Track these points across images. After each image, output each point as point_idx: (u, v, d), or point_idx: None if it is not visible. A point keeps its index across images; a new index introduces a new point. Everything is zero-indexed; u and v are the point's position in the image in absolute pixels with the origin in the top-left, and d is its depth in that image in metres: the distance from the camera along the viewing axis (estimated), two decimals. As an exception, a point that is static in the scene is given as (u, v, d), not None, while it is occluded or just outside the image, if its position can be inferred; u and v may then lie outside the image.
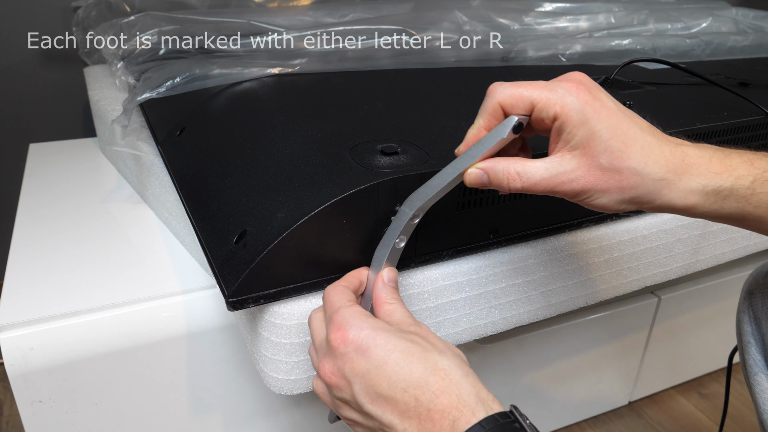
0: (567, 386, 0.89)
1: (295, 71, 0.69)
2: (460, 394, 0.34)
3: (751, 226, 0.40)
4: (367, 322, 0.37)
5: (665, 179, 0.37)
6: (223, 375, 0.61)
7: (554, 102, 0.36)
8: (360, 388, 0.35)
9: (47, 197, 0.74)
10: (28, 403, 0.53)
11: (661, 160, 0.37)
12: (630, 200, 0.38)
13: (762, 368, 0.52)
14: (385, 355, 0.35)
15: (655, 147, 0.38)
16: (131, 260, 0.61)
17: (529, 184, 0.37)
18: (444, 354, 0.36)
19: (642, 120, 0.39)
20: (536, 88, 0.37)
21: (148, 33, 0.77)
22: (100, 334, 0.54)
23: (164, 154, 0.62)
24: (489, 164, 0.38)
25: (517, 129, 0.36)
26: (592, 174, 0.37)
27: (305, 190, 0.43)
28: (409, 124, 0.54)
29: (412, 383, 0.34)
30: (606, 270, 0.59)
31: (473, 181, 0.39)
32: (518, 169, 0.37)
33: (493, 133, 0.36)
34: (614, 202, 0.38)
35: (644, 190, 0.37)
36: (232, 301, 0.41)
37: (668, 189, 0.38)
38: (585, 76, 0.39)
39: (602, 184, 0.37)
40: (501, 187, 0.38)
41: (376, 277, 0.42)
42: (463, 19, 0.88)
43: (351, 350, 0.36)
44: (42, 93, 1.14)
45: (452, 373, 0.35)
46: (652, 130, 0.38)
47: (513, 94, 0.37)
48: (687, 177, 0.38)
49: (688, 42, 0.93)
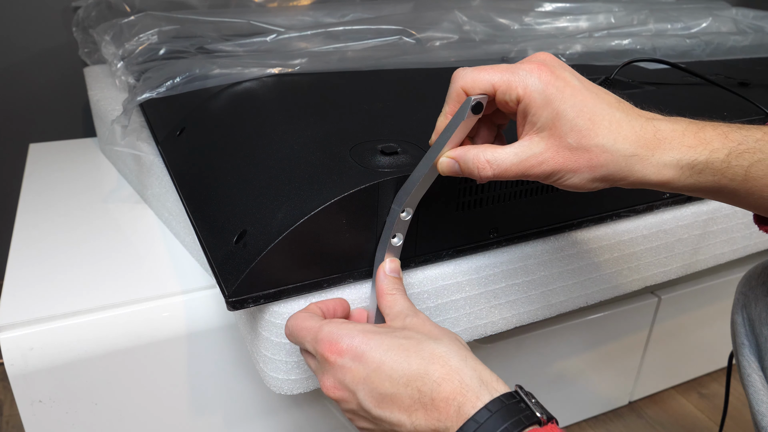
0: (567, 386, 0.89)
1: (295, 71, 0.69)
2: (462, 379, 0.33)
3: (727, 198, 0.39)
4: (356, 329, 0.37)
5: (637, 155, 0.37)
6: (223, 375, 0.61)
7: (515, 84, 0.36)
8: (364, 394, 0.35)
9: (47, 197, 0.74)
10: (28, 403, 0.53)
11: (631, 135, 0.37)
12: (602, 178, 0.37)
13: (755, 369, 0.52)
14: (381, 356, 0.35)
15: (624, 122, 0.37)
16: (131, 260, 0.61)
17: (499, 171, 0.37)
18: (439, 341, 0.36)
19: (610, 95, 0.38)
20: (497, 71, 0.36)
21: (148, 33, 0.77)
22: (100, 334, 0.54)
23: (164, 154, 0.62)
24: (460, 152, 0.38)
25: (476, 109, 0.35)
26: (560, 155, 0.36)
27: (305, 190, 0.43)
28: (409, 124, 0.54)
29: (413, 376, 0.34)
30: (606, 270, 0.59)
31: (446, 170, 0.39)
32: (488, 156, 0.37)
33: (455, 118, 0.37)
34: (586, 181, 0.37)
35: (616, 167, 0.37)
36: (232, 301, 0.41)
37: (641, 165, 0.37)
38: (549, 55, 0.38)
39: (572, 164, 0.37)
40: (473, 176, 0.38)
41: (378, 269, 0.42)
42: (463, 19, 0.88)
43: (347, 360, 0.36)
44: (42, 93, 1.14)
45: (451, 359, 0.35)
46: (621, 105, 0.38)
47: (475, 78, 0.36)
48: (660, 151, 0.37)
49: (688, 42, 0.93)
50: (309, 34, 0.79)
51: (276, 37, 0.78)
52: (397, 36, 0.80)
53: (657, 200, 0.60)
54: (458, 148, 0.38)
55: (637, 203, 0.59)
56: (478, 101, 0.35)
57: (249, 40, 0.78)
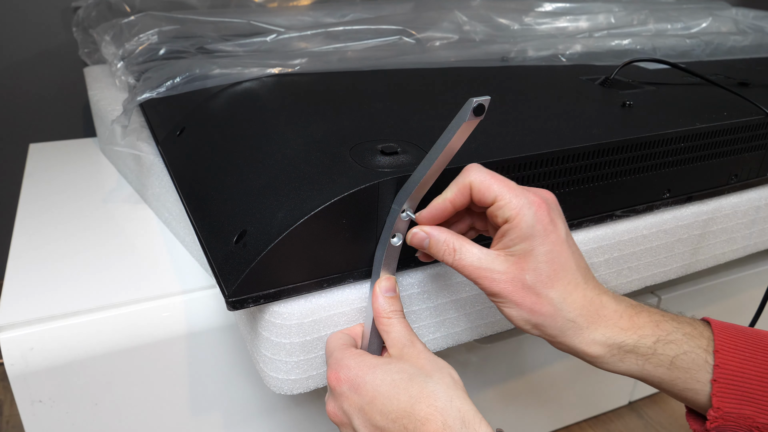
0: (567, 386, 0.89)
1: (295, 71, 0.69)
2: (446, 421, 0.35)
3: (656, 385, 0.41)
4: (355, 361, 0.39)
5: (575, 322, 0.39)
6: (223, 375, 0.61)
7: (513, 207, 0.38)
8: (359, 422, 0.38)
9: (47, 197, 0.74)
10: (28, 403, 0.53)
11: (579, 302, 0.39)
12: (535, 325, 0.39)
13: None
14: (374, 390, 0.37)
15: (580, 288, 0.39)
16: (131, 260, 0.61)
17: (459, 265, 0.39)
18: (430, 377, 0.37)
19: (582, 259, 0.40)
20: (505, 186, 0.38)
21: (148, 33, 0.77)
22: (100, 334, 0.54)
23: (164, 154, 0.62)
24: (434, 231, 0.40)
25: (477, 111, 0.36)
26: (513, 284, 0.38)
27: (305, 190, 0.43)
28: (409, 124, 0.54)
29: (400, 413, 0.36)
30: (606, 270, 0.59)
31: (415, 242, 0.41)
32: (456, 245, 0.39)
33: (456, 119, 0.37)
34: (521, 319, 0.39)
35: (552, 323, 0.39)
36: (232, 301, 0.41)
37: (573, 332, 0.39)
38: (553, 197, 0.40)
39: (518, 298, 0.38)
40: (436, 256, 0.40)
41: (374, 288, 0.43)
42: (463, 19, 0.88)
43: (346, 389, 0.39)
44: (42, 93, 1.14)
45: (438, 399, 0.36)
46: (584, 272, 0.40)
47: (483, 182, 0.38)
48: (594, 326, 0.39)
49: (688, 42, 0.93)
50: (309, 34, 0.79)
51: (276, 37, 0.78)
52: (397, 36, 0.80)
53: (657, 200, 0.60)
54: (435, 228, 0.40)
55: (637, 203, 0.59)
56: (480, 103, 0.35)
57: (249, 40, 0.78)
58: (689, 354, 0.39)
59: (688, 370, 0.39)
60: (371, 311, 0.43)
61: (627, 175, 0.56)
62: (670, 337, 0.39)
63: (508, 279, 0.38)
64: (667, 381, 0.39)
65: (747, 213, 0.68)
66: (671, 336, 0.39)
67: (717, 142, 0.61)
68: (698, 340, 0.39)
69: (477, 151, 0.47)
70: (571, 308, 0.38)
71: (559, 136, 0.52)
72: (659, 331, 0.39)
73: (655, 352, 0.39)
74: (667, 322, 0.40)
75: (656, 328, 0.39)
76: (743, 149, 0.64)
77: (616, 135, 0.53)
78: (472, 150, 0.47)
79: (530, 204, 0.38)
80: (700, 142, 0.59)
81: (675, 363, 0.39)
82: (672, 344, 0.39)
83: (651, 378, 0.40)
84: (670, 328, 0.40)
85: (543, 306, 0.38)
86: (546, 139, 0.51)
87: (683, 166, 0.60)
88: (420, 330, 0.50)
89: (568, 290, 0.38)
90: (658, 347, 0.39)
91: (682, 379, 0.39)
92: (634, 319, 0.39)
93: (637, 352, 0.39)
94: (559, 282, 0.38)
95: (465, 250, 0.39)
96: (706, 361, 0.39)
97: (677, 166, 0.59)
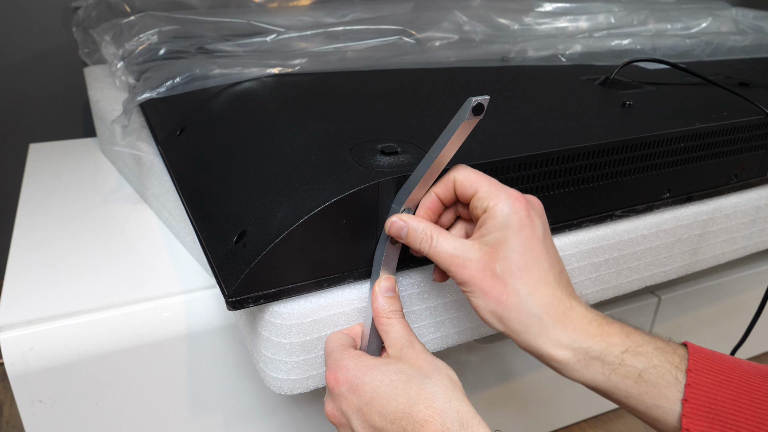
0: (567, 386, 0.89)
1: (295, 71, 0.69)
2: (444, 422, 0.35)
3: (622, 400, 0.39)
4: (354, 362, 0.39)
5: (541, 319, 0.38)
6: (223, 375, 0.61)
7: (491, 197, 0.38)
8: (357, 423, 0.38)
9: (47, 197, 0.74)
10: (28, 403, 0.53)
11: (547, 299, 0.38)
12: (500, 318, 0.39)
13: None
14: (373, 391, 0.37)
15: (550, 286, 0.38)
16: (131, 260, 0.61)
17: (434, 252, 0.39)
18: (429, 378, 0.37)
19: (559, 263, 0.40)
20: (487, 180, 0.39)
21: (148, 33, 0.77)
22: (100, 334, 0.54)
23: (164, 154, 0.62)
24: (412, 220, 0.40)
25: (477, 110, 0.36)
26: (482, 272, 0.38)
27: (305, 190, 0.43)
28: (409, 124, 0.54)
29: (399, 414, 0.36)
30: (606, 270, 0.59)
31: (393, 232, 0.41)
32: (434, 234, 0.40)
33: (455, 119, 0.37)
34: (487, 310, 0.39)
35: (517, 317, 0.38)
36: (232, 301, 0.41)
37: (538, 329, 0.38)
38: (539, 201, 0.41)
39: (485, 286, 0.38)
40: (413, 245, 0.40)
41: (373, 288, 0.43)
42: (463, 19, 0.88)
43: (344, 390, 0.39)
44: (42, 93, 1.14)
45: (436, 400, 0.36)
46: (558, 274, 0.39)
47: (467, 176, 0.40)
48: (561, 327, 0.38)
49: (688, 42, 0.93)
50: (309, 34, 0.79)
51: (276, 37, 0.78)
52: (397, 36, 0.80)
53: (657, 200, 0.60)
54: (413, 217, 0.41)
55: (637, 203, 0.59)
56: (479, 103, 0.35)
57: (249, 40, 0.78)
58: (659, 368, 0.37)
59: (656, 385, 0.37)
60: (371, 311, 0.43)
61: (627, 175, 0.56)
62: (640, 349, 0.37)
63: (479, 267, 0.38)
64: (634, 395, 0.37)
65: (747, 213, 0.68)
66: (641, 348, 0.38)
67: (717, 142, 0.61)
68: (670, 356, 0.38)
69: (477, 150, 0.47)
70: (538, 304, 0.38)
71: (559, 136, 0.52)
72: (629, 341, 0.38)
73: (623, 362, 0.37)
74: (639, 335, 0.38)
75: (626, 339, 0.38)
76: (743, 149, 0.64)
77: (616, 135, 0.53)
78: (471, 150, 0.47)
79: (509, 197, 0.38)
80: (700, 142, 0.59)
81: (643, 376, 0.37)
82: (641, 356, 0.37)
83: (617, 391, 0.38)
84: (641, 341, 0.38)
85: (509, 297, 0.38)
86: (546, 139, 0.51)
87: (683, 166, 0.60)
88: (419, 330, 0.50)
89: (537, 285, 0.38)
90: (626, 357, 0.37)
91: (649, 395, 0.37)
92: (604, 327, 0.38)
93: (604, 360, 0.37)
94: (529, 275, 0.38)
95: (441, 239, 0.39)
96: (676, 378, 0.37)
97: (677, 166, 0.59)
